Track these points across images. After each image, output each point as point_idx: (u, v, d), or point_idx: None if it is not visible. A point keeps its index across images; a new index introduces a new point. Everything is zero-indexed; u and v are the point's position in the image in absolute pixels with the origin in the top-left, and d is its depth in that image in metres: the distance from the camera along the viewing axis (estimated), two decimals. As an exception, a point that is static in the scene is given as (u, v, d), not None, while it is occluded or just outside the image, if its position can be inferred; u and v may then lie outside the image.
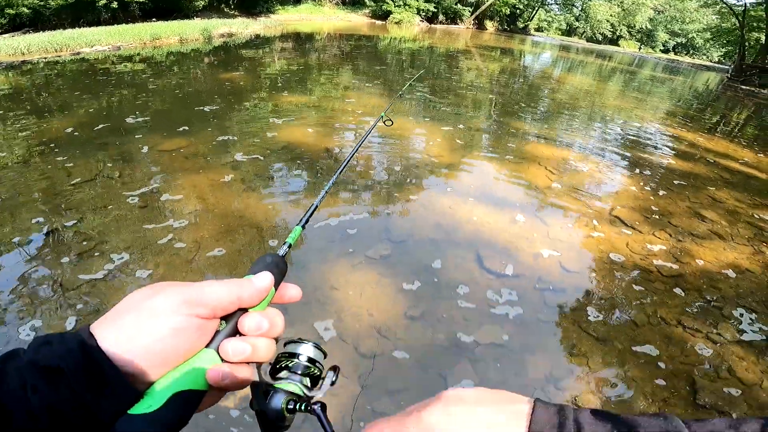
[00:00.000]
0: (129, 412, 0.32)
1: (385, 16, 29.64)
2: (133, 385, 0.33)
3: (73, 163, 3.86)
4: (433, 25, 31.96)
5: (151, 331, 0.34)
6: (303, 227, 0.55)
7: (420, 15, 30.93)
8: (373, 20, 29.74)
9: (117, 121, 5.04)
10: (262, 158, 4.26)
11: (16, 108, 5.62)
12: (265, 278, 0.41)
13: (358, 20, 29.21)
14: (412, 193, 3.87)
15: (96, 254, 2.67)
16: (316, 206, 0.60)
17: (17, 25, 13.14)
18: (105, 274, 2.51)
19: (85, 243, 2.77)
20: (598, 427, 0.30)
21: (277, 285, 0.43)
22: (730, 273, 3.16)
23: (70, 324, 2.15)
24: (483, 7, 33.76)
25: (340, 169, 0.76)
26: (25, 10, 12.87)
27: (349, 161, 0.80)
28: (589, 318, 2.54)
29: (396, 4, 29.48)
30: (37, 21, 13.51)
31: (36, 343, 0.33)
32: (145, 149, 4.27)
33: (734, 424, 0.29)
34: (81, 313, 2.22)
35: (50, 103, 5.97)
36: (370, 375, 2.00)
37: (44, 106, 5.81)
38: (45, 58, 9.45)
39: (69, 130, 4.67)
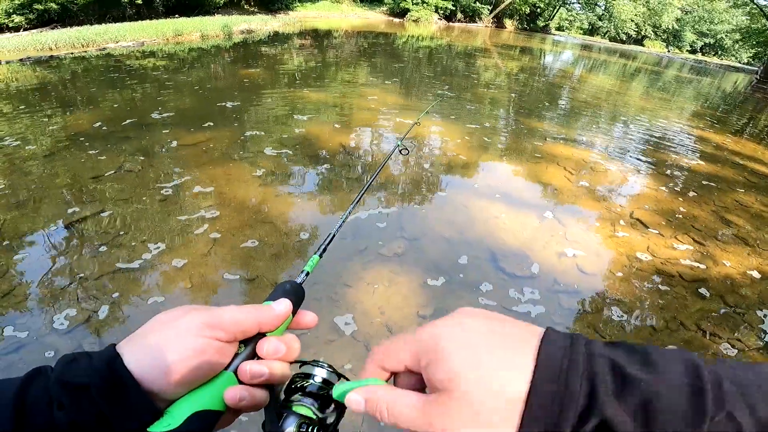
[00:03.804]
0: (149, 429, 0.34)
1: (402, 13, 29.54)
2: (155, 403, 0.35)
3: (105, 156, 3.97)
4: (451, 24, 31.72)
5: (174, 352, 0.36)
6: (320, 256, 0.57)
7: (438, 13, 30.73)
8: (391, 18, 29.67)
9: (143, 117, 5.16)
10: (287, 154, 4.31)
11: (45, 102, 5.80)
12: (285, 305, 0.43)
13: (375, 18, 29.19)
14: (429, 191, 3.86)
15: (124, 245, 2.74)
16: (333, 235, 0.62)
17: (45, 21, 13.54)
18: (137, 264, 2.58)
19: (115, 234, 2.85)
20: (612, 352, 0.30)
21: (294, 311, 0.45)
22: (754, 279, 3.07)
23: (102, 313, 2.22)
24: (502, 6, 33.33)
25: (357, 198, 0.76)
26: (54, 5, 13.25)
27: (365, 190, 0.80)
28: (605, 321, 2.50)
29: (414, 1, 29.33)
30: (65, 16, 13.90)
31: (64, 360, 0.35)
32: (174, 143, 4.36)
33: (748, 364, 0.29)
34: (112, 303, 2.28)
35: (78, 97, 6.15)
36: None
37: (73, 100, 5.98)
38: (72, 53, 9.72)
39: (97, 124, 4.80)
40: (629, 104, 9.79)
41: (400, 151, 1.49)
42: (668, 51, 44.96)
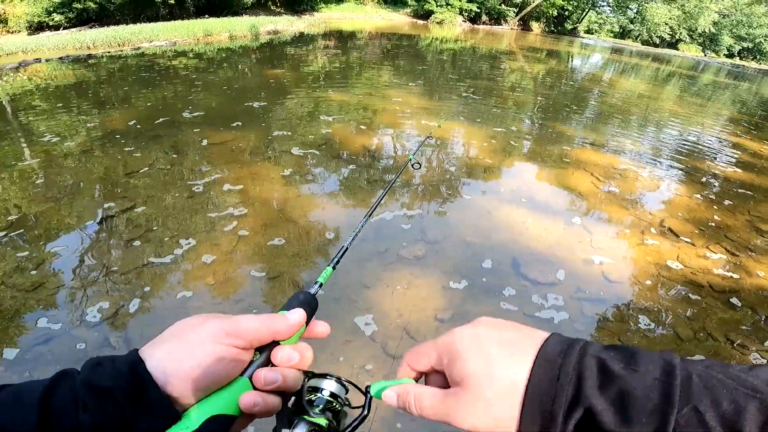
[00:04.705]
0: None
1: (426, 15, 29.42)
2: (174, 406, 0.36)
3: (139, 153, 4.13)
4: (475, 26, 31.42)
5: (194, 358, 0.37)
6: (333, 268, 0.59)
7: (462, 15, 30.47)
8: (415, 20, 29.60)
9: (174, 115, 5.32)
10: (313, 155, 4.37)
11: (83, 100, 6.06)
12: (299, 314, 0.45)
13: (399, 19, 29.19)
14: (453, 195, 3.85)
15: (155, 240, 2.84)
16: (346, 248, 0.63)
17: (84, 20, 14.11)
18: (168, 258, 2.67)
19: (147, 229, 2.95)
20: (603, 352, 0.34)
21: (308, 321, 0.46)
22: (793, 294, 2.94)
23: (134, 306, 2.30)
24: (528, 9, 32.80)
25: (370, 212, 0.78)
26: (92, 5, 13.78)
27: (378, 204, 0.82)
28: (630, 329, 2.44)
29: (438, 3, 29.15)
30: (102, 15, 14.46)
31: (89, 364, 0.37)
32: (204, 142, 4.49)
33: (724, 365, 0.31)
34: (142, 297, 2.37)
35: (114, 96, 6.39)
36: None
37: (108, 98, 6.22)
38: (108, 52, 10.10)
39: (132, 122, 4.99)
40: (662, 109, 9.50)
41: (412, 166, 1.51)
42: (705, 55, 43.36)
